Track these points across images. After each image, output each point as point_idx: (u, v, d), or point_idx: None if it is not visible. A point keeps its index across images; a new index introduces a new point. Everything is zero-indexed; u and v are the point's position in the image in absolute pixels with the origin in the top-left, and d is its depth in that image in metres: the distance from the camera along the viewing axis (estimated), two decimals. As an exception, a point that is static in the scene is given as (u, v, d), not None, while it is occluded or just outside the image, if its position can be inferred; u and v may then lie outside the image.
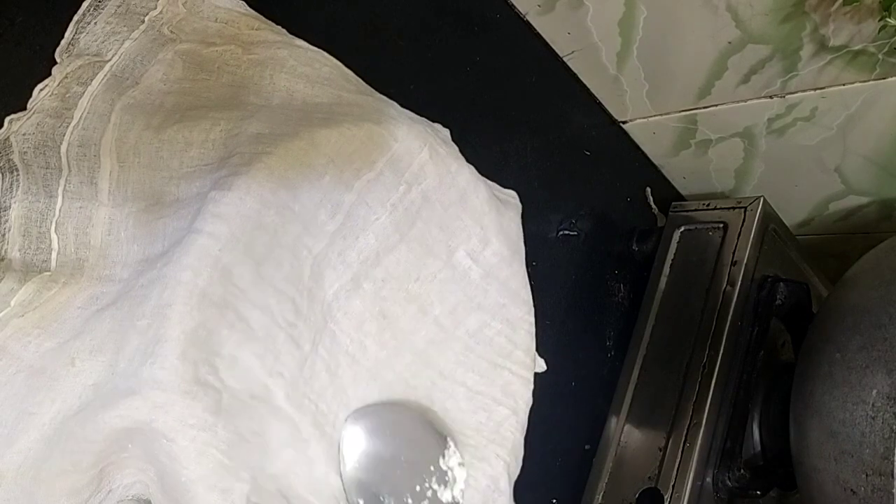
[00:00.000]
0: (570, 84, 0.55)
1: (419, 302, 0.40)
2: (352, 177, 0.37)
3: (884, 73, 0.44)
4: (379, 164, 0.38)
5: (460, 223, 0.41)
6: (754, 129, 0.54)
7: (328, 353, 0.37)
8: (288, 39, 0.41)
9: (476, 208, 0.42)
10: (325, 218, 0.37)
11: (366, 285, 0.38)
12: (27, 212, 0.34)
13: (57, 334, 0.33)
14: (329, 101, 0.40)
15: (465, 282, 0.41)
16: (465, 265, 0.41)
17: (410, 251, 0.40)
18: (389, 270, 0.39)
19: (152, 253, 0.34)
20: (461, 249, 0.41)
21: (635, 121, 0.59)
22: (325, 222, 0.37)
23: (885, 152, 0.50)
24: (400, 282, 0.39)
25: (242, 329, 0.33)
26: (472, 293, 0.42)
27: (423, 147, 0.39)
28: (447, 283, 0.41)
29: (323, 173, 0.36)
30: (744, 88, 0.51)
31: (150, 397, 0.31)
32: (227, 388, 0.33)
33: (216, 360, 0.32)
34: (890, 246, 0.49)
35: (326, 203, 0.37)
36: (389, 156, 0.38)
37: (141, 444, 0.31)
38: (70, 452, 0.31)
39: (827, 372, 0.45)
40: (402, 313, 0.40)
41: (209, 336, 0.32)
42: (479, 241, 0.42)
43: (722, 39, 0.47)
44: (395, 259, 0.39)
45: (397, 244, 0.39)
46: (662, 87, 0.54)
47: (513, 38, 0.52)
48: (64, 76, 0.36)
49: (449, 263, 0.41)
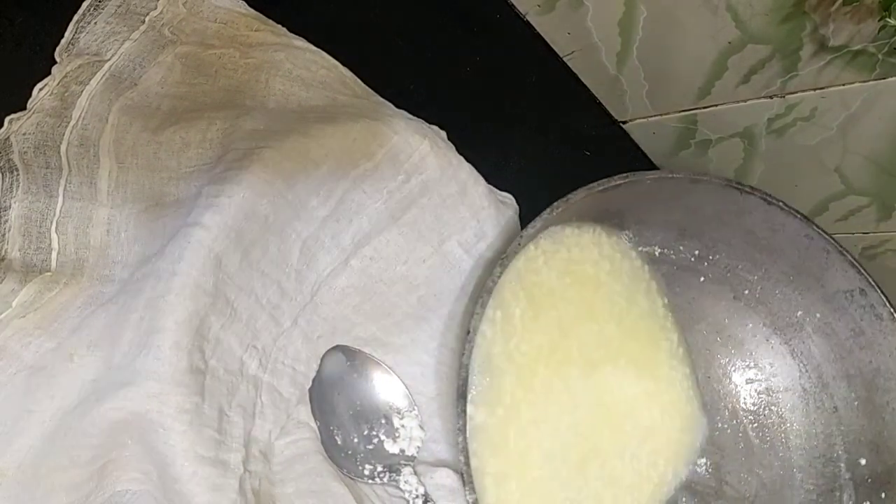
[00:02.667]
0: (570, 84, 0.55)
1: (406, 282, 0.41)
2: (349, 166, 0.38)
3: (884, 73, 0.44)
4: (378, 156, 0.39)
5: (456, 215, 0.42)
6: (754, 129, 0.54)
7: (308, 323, 0.38)
8: (287, 41, 0.41)
9: (475, 202, 0.42)
10: (315, 203, 0.37)
11: (353, 262, 0.39)
12: (27, 212, 0.35)
13: (57, 334, 0.33)
14: (324, 103, 0.40)
15: (456, 271, 0.42)
16: (456, 255, 0.42)
17: (401, 235, 0.40)
18: (378, 250, 0.40)
19: (153, 252, 0.34)
20: (454, 239, 0.42)
21: (635, 121, 0.59)
22: (316, 207, 0.38)
23: (885, 152, 0.50)
24: (388, 262, 0.40)
25: (229, 314, 0.34)
26: (462, 283, 0.42)
27: (424, 140, 0.40)
28: (436, 269, 0.42)
29: (320, 164, 0.37)
30: (744, 88, 0.51)
31: (145, 387, 0.31)
32: (209, 368, 0.33)
33: (204, 345, 0.33)
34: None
35: (319, 190, 0.37)
36: (388, 147, 0.39)
37: (140, 440, 0.32)
38: (69, 448, 0.32)
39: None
40: (386, 290, 0.41)
41: (200, 324, 0.33)
42: (474, 235, 0.42)
43: (722, 39, 0.47)
44: (385, 240, 0.40)
45: (389, 226, 0.40)
46: (662, 87, 0.54)
47: (513, 38, 0.52)
48: (63, 75, 0.36)
49: (439, 251, 0.42)
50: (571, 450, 0.39)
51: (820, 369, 0.45)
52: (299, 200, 0.37)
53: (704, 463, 0.46)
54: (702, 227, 0.45)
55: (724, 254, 0.46)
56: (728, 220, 0.44)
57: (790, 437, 0.46)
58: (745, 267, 0.46)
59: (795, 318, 0.46)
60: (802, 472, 0.45)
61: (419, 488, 0.38)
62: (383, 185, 0.39)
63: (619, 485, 0.40)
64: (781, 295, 0.46)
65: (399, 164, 0.39)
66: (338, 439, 0.38)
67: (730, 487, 0.46)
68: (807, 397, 0.45)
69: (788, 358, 0.46)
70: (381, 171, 0.39)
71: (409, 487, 0.39)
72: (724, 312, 0.48)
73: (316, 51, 0.41)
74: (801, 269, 0.44)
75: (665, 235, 0.46)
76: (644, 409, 0.42)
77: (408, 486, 0.39)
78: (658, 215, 0.44)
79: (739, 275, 0.47)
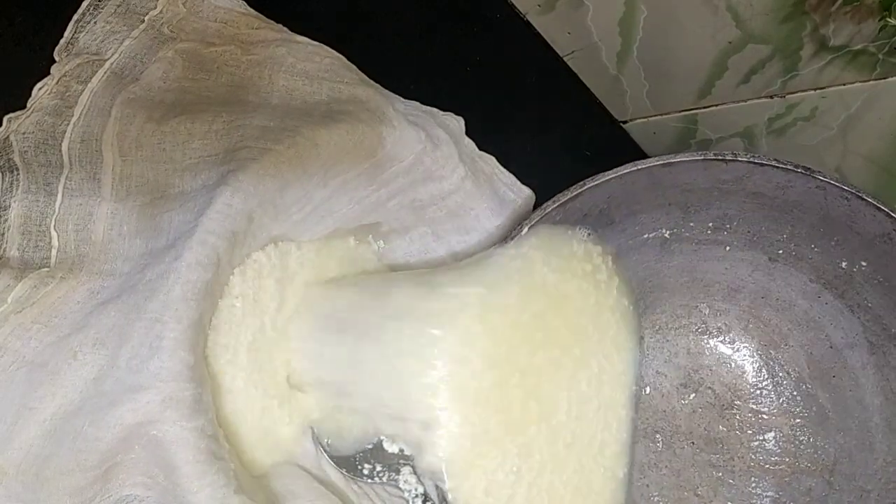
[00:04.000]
0: (570, 84, 0.55)
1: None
2: (332, 177, 0.38)
3: (884, 73, 0.44)
4: (361, 167, 0.39)
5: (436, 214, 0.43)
6: (754, 128, 0.54)
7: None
8: (287, 36, 0.41)
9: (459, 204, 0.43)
10: (295, 210, 0.38)
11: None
12: (27, 210, 0.34)
13: (57, 329, 0.33)
14: (328, 97, 0.40)
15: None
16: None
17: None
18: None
19: (156, 246, 0.34)
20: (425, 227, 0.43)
21: (635, 121, 0.59)
22: (294, 213, 0.38)
23: (885, 152, 0.50)
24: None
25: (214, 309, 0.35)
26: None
27: (410, 156, 0.41)
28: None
29: (313, 174, 0.37)
30: (744, 88, 0.51)
31: (158, 391, 0.31)
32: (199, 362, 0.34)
33: (201, 342, 0.34)
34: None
35: (301, 198, 0.38)
36: (373, 161, 0.40)
37: (147, 444, 0.31)
38: (77, 451, 0.31)
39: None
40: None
41: (205, 324, 0.33)
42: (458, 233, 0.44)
43: (722, 39, 0.47)
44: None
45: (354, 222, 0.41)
46: (663, 87, 0.54)
47: (513, 38, 0.52)
48: (63, 74, 0.36)
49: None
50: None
51: (882, 321, 0.42)
52: (285, 205, 0.37)
53: (773, 437, 0.45)
54: (704, 200, 0.43)
55: (741, 220, 0.43)
56: (729, 189, 0.42)
57: (865, 397, 0.43)
58: (770, 227, 0.43)
59: (841, 269, 0.42)
60: (881, 431, 0.42)
61: (418, 487, 0.38)
62: (357, 194, 0.40)
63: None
64: (819, 248, 0.43)
65: (376, 176, 0.40)
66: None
67: (805, 459, 0.44)
68: (874, 351, 0.42)
69: (846, 313, 0.43)
70: (359, 181, 0.40)
71: (409, 487, 0.39)
72: (764, 277, 0.45)
73: (317, 45, 0.41)
74: (828, 220, 0.41)
75: (668, 217, 0.44)
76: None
77: (407, 486, 0.39)
78: (651, 202, 0.43)
79: (767, 236, 0.44)
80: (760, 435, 0.45)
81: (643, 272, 0.46)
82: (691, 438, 0.46)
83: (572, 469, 0.38)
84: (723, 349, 0.47)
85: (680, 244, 0.45)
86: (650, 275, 0.46)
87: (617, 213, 0.43)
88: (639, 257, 0.45)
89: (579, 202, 0.39)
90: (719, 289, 0.46)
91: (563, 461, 0.38)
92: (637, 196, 0.42)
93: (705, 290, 0.47)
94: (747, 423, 0.46)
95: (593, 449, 0.39)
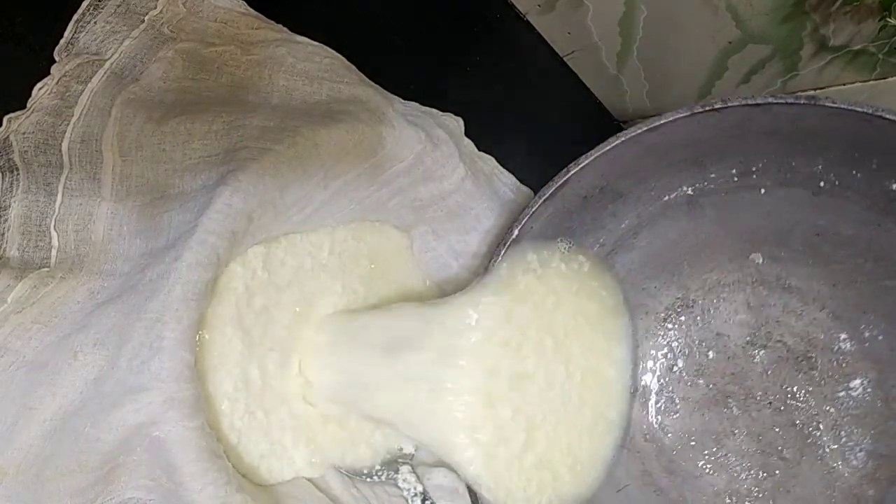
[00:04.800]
0: (570, 84, 0.55)
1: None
2: (332, 178, 0.38)
3: (884, 73, 0.44)
4: (361, 168, 0.39)
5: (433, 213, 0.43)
6: (755, 129, 0.54)
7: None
8: (287, 36, 0.41)
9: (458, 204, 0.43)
10: (295, 210, 0.38)
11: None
12: (27, 211, 0.35)
13: (58, 329, 0.33)
14: (328, 97, 0.40)
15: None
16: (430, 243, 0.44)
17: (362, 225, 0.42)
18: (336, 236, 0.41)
19: (156, 246, 0.34)
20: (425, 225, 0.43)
21: (635, 121, 0.59)
22: (294, 214, 0.38)
23: (885, 152, 0.50)
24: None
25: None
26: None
27: (410, 156, 0.41)
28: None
29: (313, 174, 0.37)
30: (744, 88, 0.51)
31: (160, 392, 0.31)
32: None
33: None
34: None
35: (302, 198, 0.38)
36: (373, 161, 0.39)
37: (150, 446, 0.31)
38: (78, 452, 0.31)
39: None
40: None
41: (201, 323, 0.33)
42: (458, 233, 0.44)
43: (722, 39, 0.47)
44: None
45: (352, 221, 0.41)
46: (663, 87, 0.54)
47: (513, 38, 0.52)
48: (63, 74, 0.36)
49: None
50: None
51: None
52: (285, 206, 0.37)
53: (860, 384, 0.41)
54: (716, 150, 0.39)
55: (766, 159, 0.39)
56: (738, 133, 0.38)
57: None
58: (800, 161, 0.39)
59: (893, 191, 0.38)
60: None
61: (417, 486, 0.39)
62: (357, 195, 0.40)
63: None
64: (862, 175, 0.38)
65: (376, 177, 0.40)
66: None
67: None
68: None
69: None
70: (359, 182, 0.40)
71: (408, 486, 0.39)
72: (813, 214, 0.40)
73: (317, 45, 0.42)
74: (857, 144, 0.37)
75: (683, 175, 0.40)
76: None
77: (406, 485, 0.39)
78: (655, 166, 0.40)
79: (801, 171, 0.39)
80: (845, 383, 0.41)
81: (675, 235, 0.42)
82: (767, 398, 0.43)
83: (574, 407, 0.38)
84: (786, 298, 0.43)
85: (708, 197, 0.41)
86: (684, 235, 0.43)
87: (622, 185, 0.40)
88: (667, 221, 0.42)
89: (570, 188, 0.37)
90: (767, 234, 0.42)
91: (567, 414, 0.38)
92: (636, 165, 0.39)
93: (752, 239, 0.43)
94: (828, 372, 0.42)
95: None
